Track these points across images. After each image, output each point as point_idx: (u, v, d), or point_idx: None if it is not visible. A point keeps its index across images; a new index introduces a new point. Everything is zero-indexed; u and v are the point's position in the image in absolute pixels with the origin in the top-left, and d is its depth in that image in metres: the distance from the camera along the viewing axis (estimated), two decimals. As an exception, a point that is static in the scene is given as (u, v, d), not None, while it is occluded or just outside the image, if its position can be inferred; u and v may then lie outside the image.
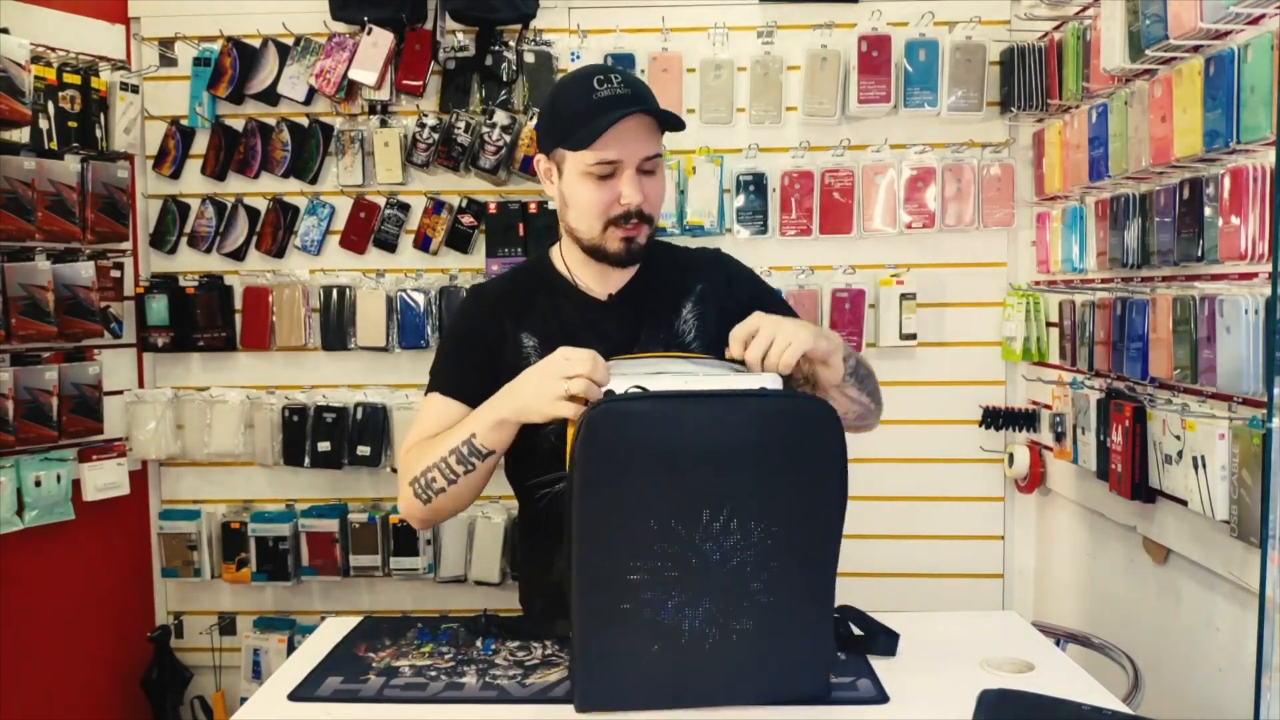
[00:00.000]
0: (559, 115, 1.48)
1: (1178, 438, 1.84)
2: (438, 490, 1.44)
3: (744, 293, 1.60)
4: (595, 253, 1.52)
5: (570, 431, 1.18)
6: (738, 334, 1.29)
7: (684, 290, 1.59)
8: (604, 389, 1.23)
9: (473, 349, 1.56)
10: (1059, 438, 2.40)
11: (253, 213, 2.82)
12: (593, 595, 1.16)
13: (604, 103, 1.41)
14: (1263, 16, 1.62)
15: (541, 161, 1.55)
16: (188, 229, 2.83)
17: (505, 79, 2.70)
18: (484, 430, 1.38)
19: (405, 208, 2.79)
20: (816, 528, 1.19)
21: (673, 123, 1.47)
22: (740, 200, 2.71)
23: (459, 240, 2.77)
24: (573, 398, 1.23)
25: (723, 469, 1.14)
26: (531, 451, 1.51)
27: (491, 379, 1.44)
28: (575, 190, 1.48)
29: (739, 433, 1.15)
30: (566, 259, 1.59)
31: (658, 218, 1.53)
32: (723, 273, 1.64)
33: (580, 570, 1.15)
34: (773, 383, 1.25)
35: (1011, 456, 2.67)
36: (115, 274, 2.69)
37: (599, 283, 1.58)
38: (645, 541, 1.14)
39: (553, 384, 1.25)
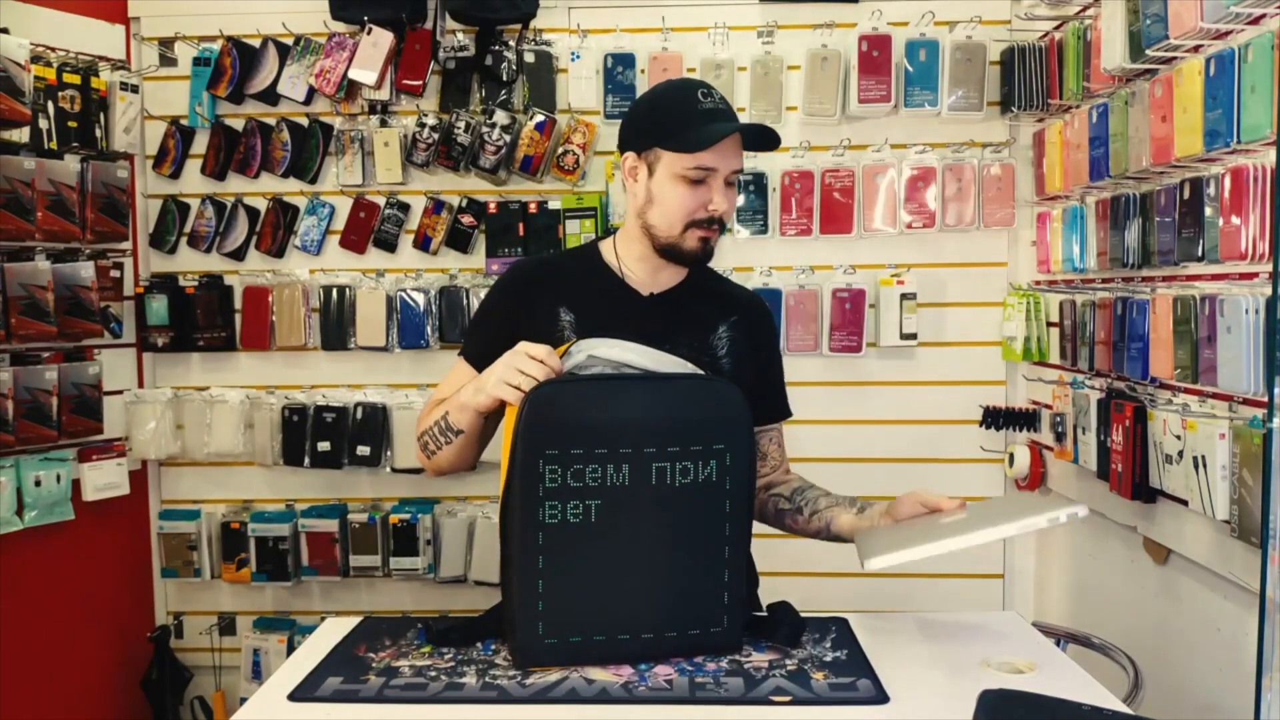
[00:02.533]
0: (661, 118, 1.55)
1: (1178, 438, 1.84)
2: (432, 451, 1.59)
3: (764, 347, 1.72)
4: (668, 250, 1.58)
5: (510, 411, 1.36)
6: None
7: (724, 312, 1.66)
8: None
9: (498, 321, 1.63)
10: (1059, 438, 2.39)
11: (253, 212, 2.82)
12: (530, 552, 1.31)
13: (709, 114, 1.51)
14: (1263, 16, 1.62)
15: (630, 159, 1.59)
16: (188, 229, 2.83)
17: (505, 79, 2.70)
18: (453, 411, 1.52)
19: (405, 208, 2.79)
20: (727, 488, 1.37)
21: (764, 145, 1.59)
22: (740, 200, 2.71)
23: (459, 240, 2.77)
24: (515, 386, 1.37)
25: (647, 438, 1.33)
26: None
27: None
28: (665, 190, 1.55)
29: (661, 409, 1.34)
30: (620, 252, 1.65)
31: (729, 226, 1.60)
32: (759, 317, 1.72)
33: (518, 527, 1.31)
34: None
35: (1012, 456, 2.67)
36: (115, 274, 2.69)
37: (647, 281, 1.64)
38: (580, 498, 1.31)
39: (506, 373, 1.37)
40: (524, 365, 1.37)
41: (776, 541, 1.74)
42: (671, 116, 1.53)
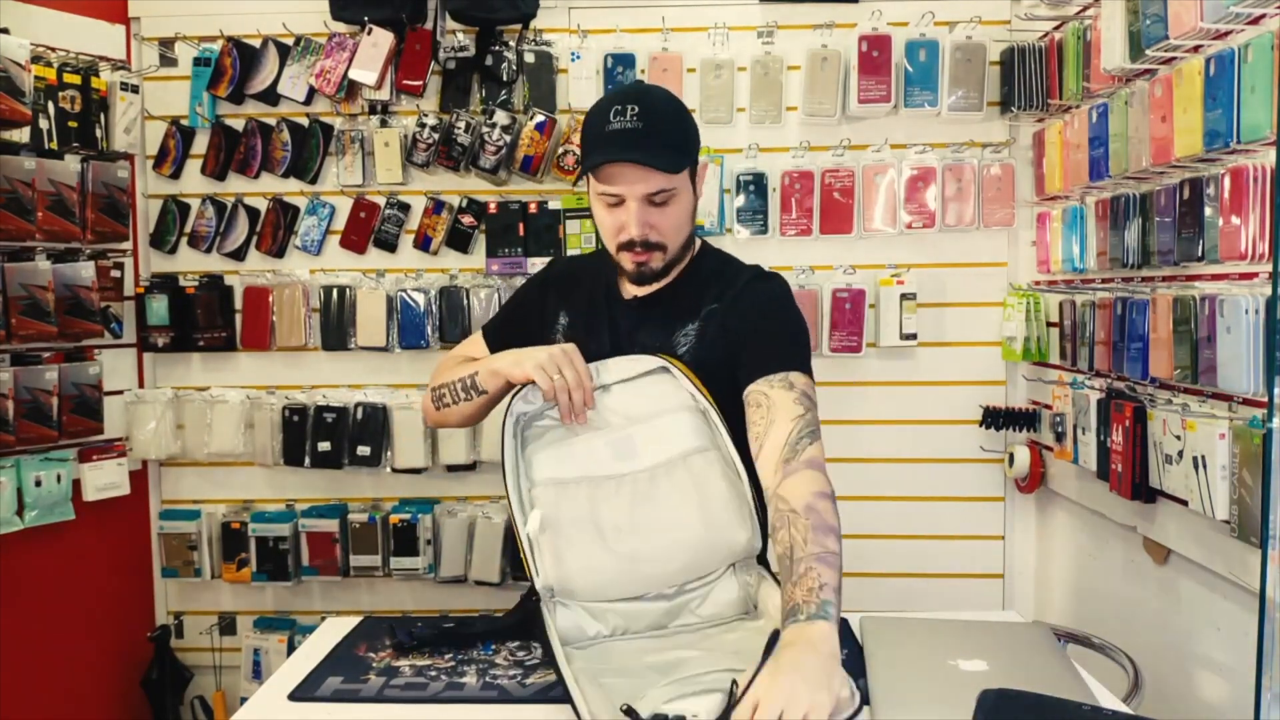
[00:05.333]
0: (583, 138, 1.54)
1: (1178, 438, 1.84)
2: (445, 404, 1.64)
3: (738, 315, 1.55)
4: (618, 267, 1.60)
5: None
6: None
7: (696, 309, 1.58)
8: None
9: (521, 312, 1.74)
10: (1059, 438, 2.39)
11: (253, 213, 2.82)
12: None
13: (610, 137, 1.45)
14: (1263, 16, 1.62)
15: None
16: (188, 229, 2.83)
17: (505, 79, 2.70)
18: (484, 372, 1.56)
19: (405, 208, 2.79)
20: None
21: (679, 151, 1.49)
22: (740, 200, 2.71)
23: (459, 240, 2.77)
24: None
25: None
26: None
27: (525, 340, 1.61)
28: (595, 210, 1.57)
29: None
30: None
31: (675, 243, 1.55)
32: (744, 290, 1.57)
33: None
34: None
35: (1012, 456, 2.67)
36: (115, 274, 2.69)
37: (635, 284, 1.63)
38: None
39: (549, 362, 1.43)
40: (564, 367, 1.42)
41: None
42: (587, 138, 1.51)
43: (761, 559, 1.48)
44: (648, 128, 1.45)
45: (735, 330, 1.53)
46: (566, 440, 1.44)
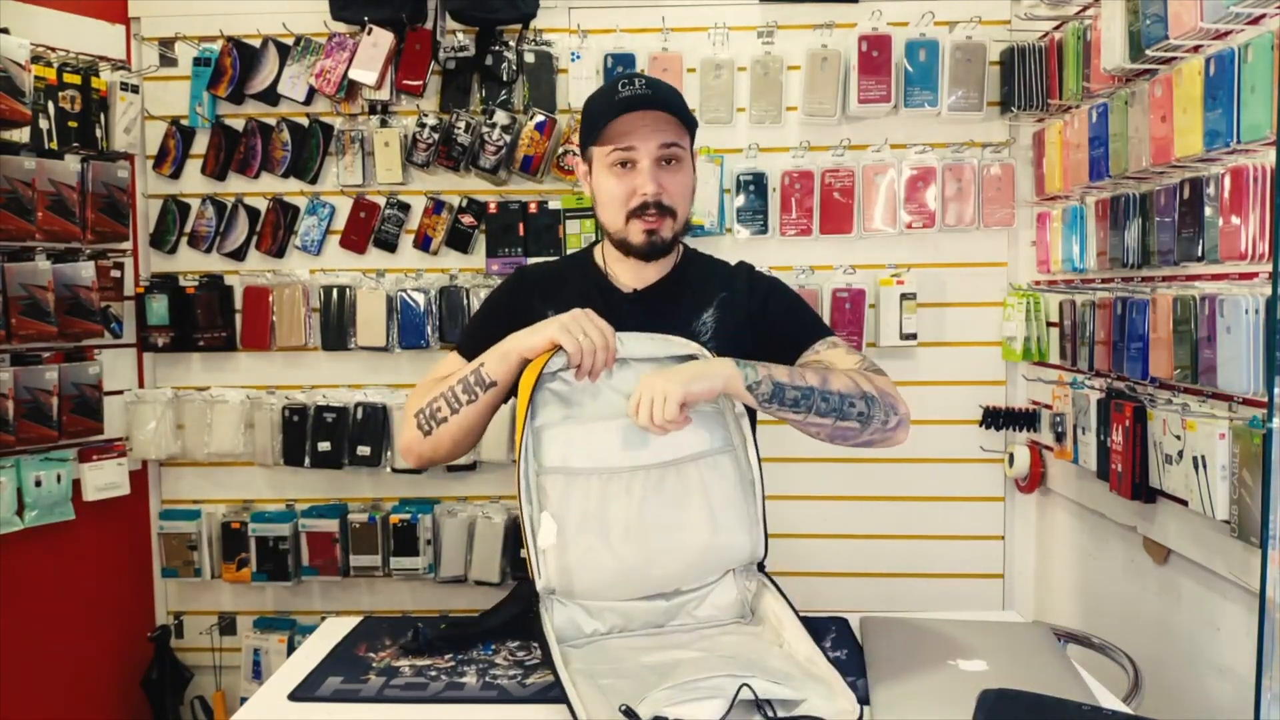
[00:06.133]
0: (587, 116, 1.57)
1: (1178, 438, 1.84)
2: (440, 420, 1.50)
3: (761, 299, 1.65)
4: (623, 246, 1.58)
5: (526, 380, 1.38)
6: (629, 407, 1.35)
7: (708, 299, 1.63)
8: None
9: (499, 321, 1.61)
10: (1059, 438, 2.40)
11: (253, 213, 2.82)
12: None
13: (622, 102, 1.50)
14: (1263, 16, 1.62)
15: (579, 165, 1.64)
16: (188, 229, 2.83)
17: (505, 79, 2.70)
18: (492, 361, 1.46)
19: (405, 208, 2.79)
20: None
21: (685, 118, 1.54)
22: (740, 200, 2.71)
23: (459, 240, 2.77)
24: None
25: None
26: None
27: None
28: (601, 184, 1.57)
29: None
30: (605, 254, 1.66)
31: (683, 212, 1.57)
32: (745, 283, 1.67)
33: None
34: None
35: (1012, 456, 2.67)
36: (115, 274, 2.69)
37: (630, 278, 1.63)
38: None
39: (571, 323, 1.38)
40: (587, 327, 1.38)
41: (778, 542, 1.74)
42: (593, 113, 1.55)
43: (763, 567, 1.48)
44: (656, 94, 1.51)
45: (760, 312, 1.62)
46: (578, 420, 1.40)
